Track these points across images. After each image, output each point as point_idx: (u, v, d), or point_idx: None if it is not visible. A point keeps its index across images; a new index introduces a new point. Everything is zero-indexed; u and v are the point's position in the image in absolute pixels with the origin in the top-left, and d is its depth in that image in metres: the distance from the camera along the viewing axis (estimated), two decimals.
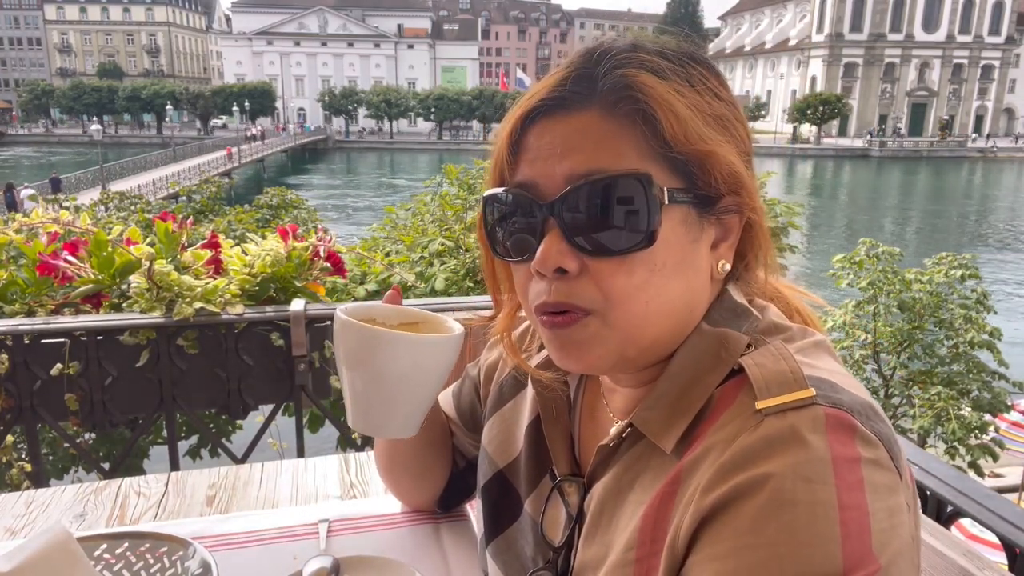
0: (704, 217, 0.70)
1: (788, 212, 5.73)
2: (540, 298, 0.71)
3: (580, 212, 0.67)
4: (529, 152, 0.71)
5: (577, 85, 0.69)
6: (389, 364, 0.83)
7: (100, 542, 1.06)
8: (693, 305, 0.72)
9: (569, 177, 0.68)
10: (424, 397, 0.89)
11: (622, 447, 0.75)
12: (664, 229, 0.67)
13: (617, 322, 0.69)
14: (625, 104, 0.67)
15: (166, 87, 78.12)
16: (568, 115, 0.69)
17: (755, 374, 0.65)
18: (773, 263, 0.78)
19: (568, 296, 0.69)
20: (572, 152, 0.68)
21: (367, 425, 0.89)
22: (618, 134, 0.67)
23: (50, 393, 2.09)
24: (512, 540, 0.91)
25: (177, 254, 2.32)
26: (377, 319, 0.90)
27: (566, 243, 0.68)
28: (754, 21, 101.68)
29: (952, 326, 8.20)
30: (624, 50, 0.70)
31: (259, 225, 9.82)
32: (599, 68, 0.69)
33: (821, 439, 0.59)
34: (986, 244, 30.58)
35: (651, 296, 0.68)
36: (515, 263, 0.75)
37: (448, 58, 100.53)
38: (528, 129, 0.71)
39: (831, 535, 0.56)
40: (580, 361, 0.72)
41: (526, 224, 0.71)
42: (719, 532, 0.60)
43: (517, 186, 0.72)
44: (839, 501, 0.57)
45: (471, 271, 4.36)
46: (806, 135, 76.94)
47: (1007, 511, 1.26)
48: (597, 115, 0.68)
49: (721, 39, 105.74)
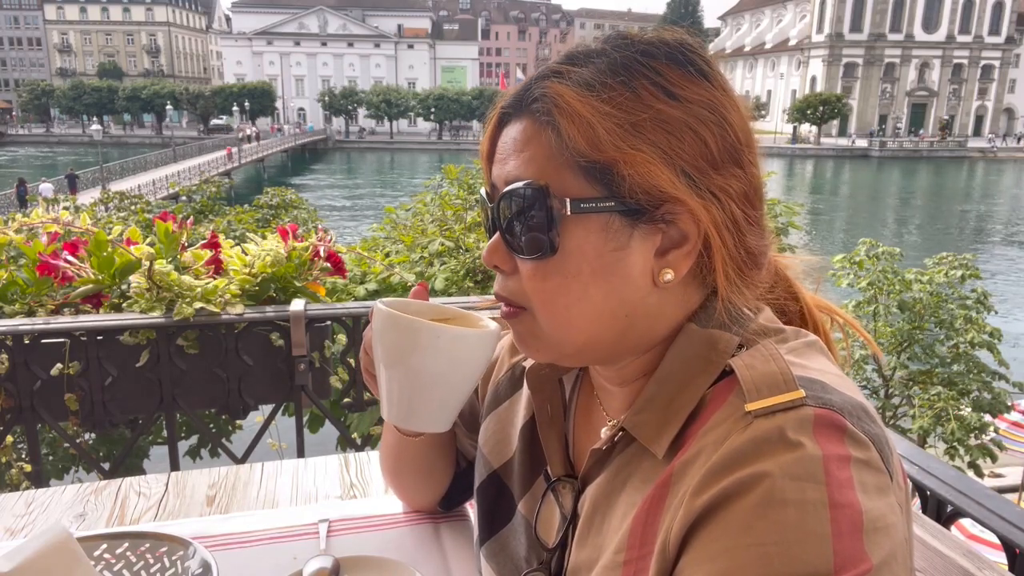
0: (637, 225, 0.68)
1: (788, 212, 5.72)
2: (495, 289, 0.78)
3: (505, 217, 0.72)
4: (496, 154, 0.76)
5: (516, 96, 0.74)
6: (430, 357, 0.84)
7: (100, 542, 1.06)
8: (633, 310, 0.71)
9: (506, 181, 0.72)
10: (461, 391, 0.89)
11: (615, 449, 0.75)
12: (576, 237, 0.69)
13: (543, 322, 0.73)
14: (540, 115, 0.70)
15: (166, 87, 78.14)
16: (515, 121, 0.73)
17: (745, 376, 0.65)
18: (754, 280, 0.73)
19: (507, 292, 0.75)
20: (511, 157, 0.72)
21: (404, 417, 0.89)
22: (538, 142, 0.70)
23: (50, 393, 2.09)
24: (505, 541, 0.91)
25: (177, 254, 2.32)
26: (412, 312, 0.90)
27: (502, 243, 0.74)
28: (754, 21, 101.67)
29: (952, 326, 8.20)
30: (557, 61, 0.73)
31: (259, 225, 9.83)
32: (532, 80, 0.73)
33: (810, 439, 0.59)
34: (986, 244, 30.59)
35: (570, 301, 0.71)
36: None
37: (448, 58, 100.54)
38: (497, 132, 0.76)
39: (822, 534, 0.56)
40: (526, 350, 0.77)
41: (488, 222, 0.77)
42: (710, 533, 0.60)
43: (490, 185, 0.77)
44: (830, 500, 0.56)
45: (471, 271, 4.36)
46: (806, 135, 76.95)
47: (1007, 511, 1.26)
48: (525, 125, 0.72)
49: (721, 39, 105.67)
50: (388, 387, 0.88)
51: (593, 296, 0.70)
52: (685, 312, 0.73)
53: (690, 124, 0.68)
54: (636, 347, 0.74)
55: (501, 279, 0.76)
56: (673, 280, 0.70)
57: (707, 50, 0.74)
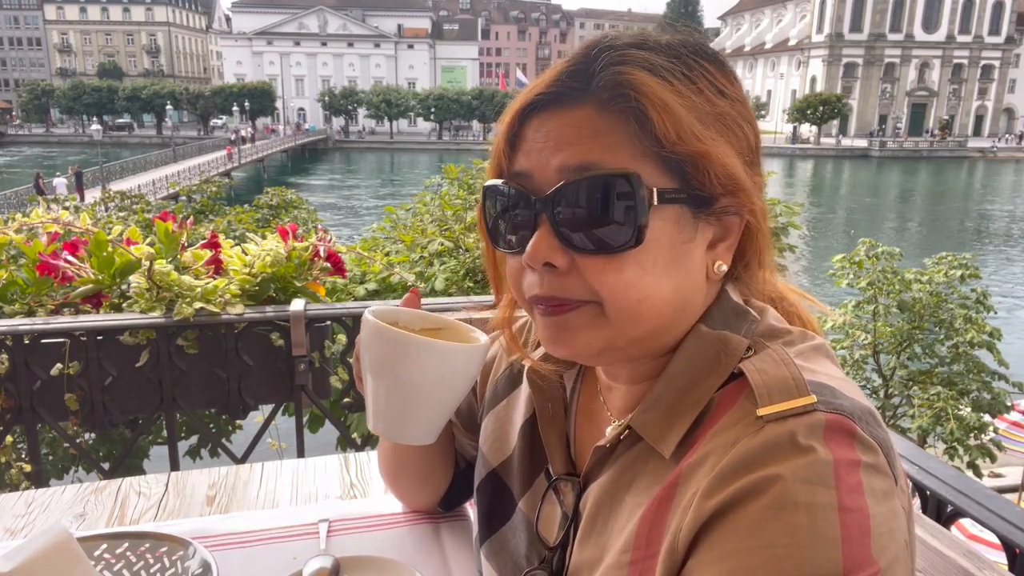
0: (700, 217, 0.69)
1: (788, 212, 5.72)
2: (532, 290, 0.72)
3: (570, 209, 0.68)
4: (526, 144, 0.71)
5: (573, 80, 0.69)
6: (417, 371, 0.83)
7: (100, 542, 1.06)
8: (686, 304, 0.72)
9: (561, 170, 0.68)
10: (447, 405, 0.89)
11: (619, 448, 0.75)
12: (654, 229, 0.67)
13: (611, 315, 0.69)
14: (619, 102, 0.67)
15: (166, 87, 78.08)
16: (564, 110, 0.69)
17: (756, 380, 0.65)
18: (772, 264, 0.77)
19: (560, 291, 0.70)
20: (565, 146, 0.68)
21: (388, 430, 0.89)
22: (611, 131, 0.67)
23: (50, 393, 2.09)
24: (505, 540, 0.91)
25: (177, 254, 2.32)
26: (401, 323, 0.89)
27: (556, 239, 0.69)
28: (754, 21, 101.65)
29: (952, 326, 8.19)
30: (622, 46, 0.69)
31: (259, 225, 9.81)
32: (595, 64, 0.69)
33: (821, 444, 0.59)
34: (986, 243, 30.58)
35: (642, 294, 0.68)
36: (509, 254, 0.75)
37: (448, 58, 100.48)
38: (526, 122, 0.72)
39: (831, 537, 0.56)
40: (570, 346, 0.72)
41: (520, 217, 0.72)
42: (720, 535, 0.60)
43: (513, 177, 0.72)
44: (839, 503, 0.57)
45: (471, 271, 4.36)
46: (806, 135, 76.93)
47: (1007, 511, 1.26)
48: (591, 111, 0.68)
49: (721, 39, 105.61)
50: (374, 398, 0.87)
51: (664, 288, 0.69)
52: (698, 314, 0.73)
53: (739, 121, 0.71)
54: (667, 345, 0.73)
55: (549, 279, 0.70)
56: (724, 272, 0.72)
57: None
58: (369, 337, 0.85)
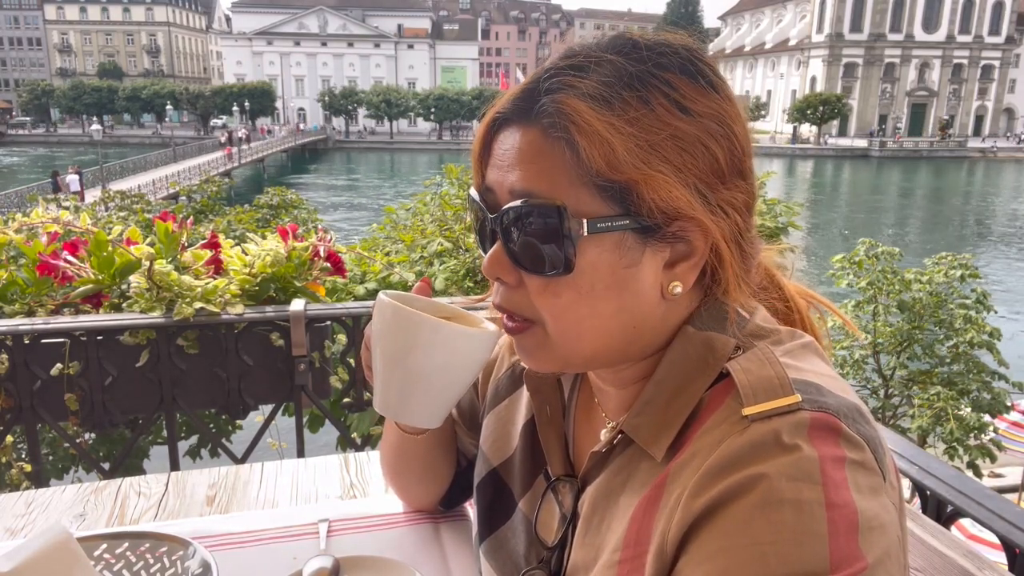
0: (648, 242, 0.68)
1: (788, 212, 5.72)
2: (496, 298, 0.75)
3: (513, 230, 0.70)
4: (493, 157, 0.73)
5: (524, 101, 0.70)
6: (430, 350, 0.84)
7: (100, 542, 1.06)
8: (640, 322, 0.71)
9: (511, 192, 0.70)
10: (456, 388, 0.90)
11: (614, 451, 0.76)
12: (589, 255, 0.67)
13: (554, 335, 0.72)
14: (555, 129, 0.66)
15: (166, 87, 78.13)
16: (519, 128, 0.70)
17: (742, 380, 0.65)
18: (748, 288, 0.74)
19: (512, 305, 0.73)
20: (516, 167, 0.69)
21: (396, 409, 0.90)
22: (551, 156, 0.67)
23: (50, 393, 2.09)
24: (504, 539, 0.91)
25: (177, 254, 2.32)
26: (414, 307, 0.90)
27: (506, 256, 0.72)
28: (754, 21, 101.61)
29: (952, 326, 8.19)
30: (564, 70, 0.68)
31: (259, 225, 9.81)
32: (540, 86, 0.69)
33: (806, 442, 0.60)
34: (986, 243, 30.58)
35: (579, 316, 0.70)
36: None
37: (448, 58, 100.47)
38: (495, 135, 0.73)
39: (818, 533, 0.56)
40: (531, 363, 0.77)
41: (486, 228, 0.74)
42: (708, 534, 0.60)
43: (484, 190, 0.74)
44: (826, 500, 0.57)
45: (471, 271, 4.36)
46: (806, 135, 76.92)
47: (1007, 511, 1.26)
48: (538, 134, 0.68)
49: (721, 39, 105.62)
50: (384, 378, 0.88)
51: (604, 311, 0.69)
52: (683, 316, 0.73)
53: (702, 140, 0.68)
54: (640, 353, 0.74)
55: (504, 291, 0.74)
56: (681, 292, 0.70)
57: (712, 57, 0.73)
58: (383, 317, 0.86)
